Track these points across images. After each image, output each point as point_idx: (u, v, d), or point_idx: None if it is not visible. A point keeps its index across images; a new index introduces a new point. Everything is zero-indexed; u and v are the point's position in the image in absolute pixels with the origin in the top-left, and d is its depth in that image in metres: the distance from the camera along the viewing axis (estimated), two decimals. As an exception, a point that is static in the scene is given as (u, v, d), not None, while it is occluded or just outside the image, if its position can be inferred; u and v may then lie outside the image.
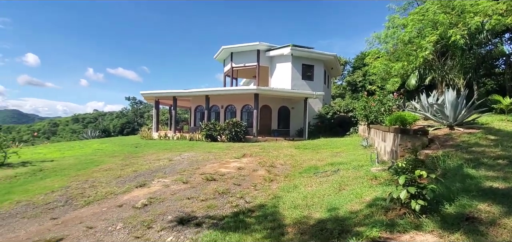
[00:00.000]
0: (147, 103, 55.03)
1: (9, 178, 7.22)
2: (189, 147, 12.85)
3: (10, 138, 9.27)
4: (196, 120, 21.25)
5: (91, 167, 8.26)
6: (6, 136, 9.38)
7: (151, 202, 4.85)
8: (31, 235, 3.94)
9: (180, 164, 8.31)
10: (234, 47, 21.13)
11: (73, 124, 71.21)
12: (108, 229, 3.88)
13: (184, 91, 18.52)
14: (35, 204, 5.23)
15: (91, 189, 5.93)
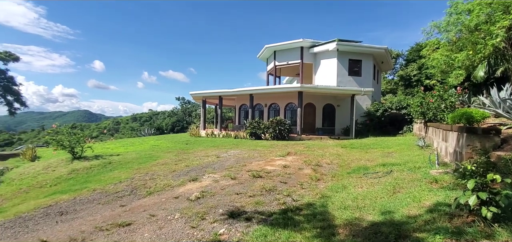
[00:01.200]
0: (195, 103, 58.31)
1: (86, 169, 8.41)
2: (234, 144, 13.30)
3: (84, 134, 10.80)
4: (241, 118, 21.86)
5: (150, 161, 9.13)
6: (83, 133, 10.88)
7: (203, 196, 5.19)
8: (106, 219, 4.54)
9: (227, 161, 8.68)
10: (277, 45, 21.15)
11: (132, 122, 79.08)
12: (167, 218, 4.27)
13: (229, 90, 19.19)
14: (107, 192, 6.00)
15: (151, 181, 6.57)
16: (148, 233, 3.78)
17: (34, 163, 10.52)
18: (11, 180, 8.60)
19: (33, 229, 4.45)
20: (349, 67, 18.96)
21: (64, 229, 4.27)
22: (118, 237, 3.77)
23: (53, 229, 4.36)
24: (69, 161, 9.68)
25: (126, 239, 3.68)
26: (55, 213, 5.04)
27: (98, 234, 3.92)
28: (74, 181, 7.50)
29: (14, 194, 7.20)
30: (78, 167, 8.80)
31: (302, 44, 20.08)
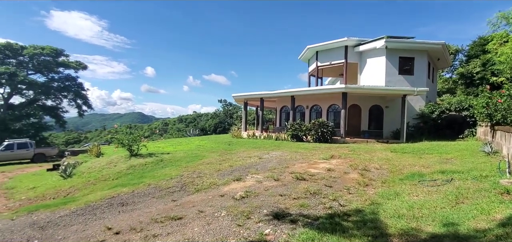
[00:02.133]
0: (236, 105, 59.86)
1: (142, 166, 9.23)
2: (275, 146, 13.31)
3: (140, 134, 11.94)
4: (282, 120, 21.80)
5: (196, 160, 9.63)
6: (139, 133, 11.97)
7: (247, 195, 5.29)
8: (159, 212, 4.91)
9: (269, 162, 8.73)
10: (320, 45, 20.62)
11: (178, 123, 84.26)
12: (215, 215, 4.45)
13: (270, 92, 19.28)
14: (160, 187, 6.50)
15: (198, 179, 6.93)
16: (197, 228, 3.99)
17: (99, 158, 11.91)
18: (82, 173, 9.85)
19: (100, 216, 5.01)
20: (399, 65, 17.61)
21: (125, 218, 4.73)
22: (171, 229, 4.04)
23: (116, 218, 4.86)
24: (127, 158, 10.73)
25: (178, 232, 3.93)
26: (117, 204, 5.62)
27: (154, 225, 4.25)
28: (132, 176, 8.29)
29: (84, 185, 8.24)
30: (135, 163, 9.71)
31: (346, 43, 19.27)
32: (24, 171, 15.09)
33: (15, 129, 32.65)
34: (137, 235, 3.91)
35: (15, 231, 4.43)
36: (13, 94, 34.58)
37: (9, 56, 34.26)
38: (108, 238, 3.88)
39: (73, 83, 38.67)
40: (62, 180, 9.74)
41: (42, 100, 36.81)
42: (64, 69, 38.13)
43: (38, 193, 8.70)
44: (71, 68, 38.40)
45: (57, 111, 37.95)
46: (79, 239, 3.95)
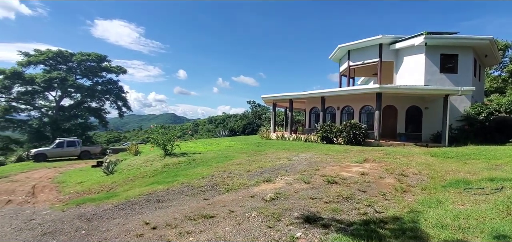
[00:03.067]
0: (264, 106, 60.00)
1: (175, 164, 9.65)
2: (305, 148, 13.10)
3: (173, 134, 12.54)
4: (311, 121, 21.40)
5: (226, 161, 9.83)
6: (173, 133, 12.55)
7: (277, 197, 5.28)
8: (192, 209, 5.09)
9: (299, 164, 8.61)
10: (352, 44, 19.91)
11: (208, 124, 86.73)
12: (245, 215, 4.50)
13: (300, 93, 19.04)
14: (192, 186, 6.74)
15: (229, 179, 7.06)
16: (228, 227, 4.06)
17: (137, 157, 12.69)
18: (122, 170, 10.58)
19: (139, 212, 5.32)
20: (441, 63, 16.35)
21: (161, 214, 4.98)
22: (204, 227, 4.17)
23: (153, 213, 5.13)
24: (162, 157, 11.31)
25: (210, 230, 4.04)
26: (154, 200, 5.93)
27: (187, 222, 4.42)
28: (167, 174, 8.71)
29: (124, 181, 8.84)
30: (169, 162, 10.19)
31: (381, 41, 18.38)
32: (72, 167, 16.59)
33: (65, 128, 36.02)
34: (172, 231, 4.09)
35: (66, 222, 4.87)
36: (63, 97, 38.22)
37: (60, 63, 37.95)
38: (146, 233, 4.11)
39: (114, 87, 41.71)
40: (105, 176, 10.54)
41: (87, 102, 40.21)
42: (107, 73, 41.28)
43: (85, 187, 9.52)
44: (113, 72, 41.46)
45: (101, 112, 41.18)
46: (120, 232, 4.23)
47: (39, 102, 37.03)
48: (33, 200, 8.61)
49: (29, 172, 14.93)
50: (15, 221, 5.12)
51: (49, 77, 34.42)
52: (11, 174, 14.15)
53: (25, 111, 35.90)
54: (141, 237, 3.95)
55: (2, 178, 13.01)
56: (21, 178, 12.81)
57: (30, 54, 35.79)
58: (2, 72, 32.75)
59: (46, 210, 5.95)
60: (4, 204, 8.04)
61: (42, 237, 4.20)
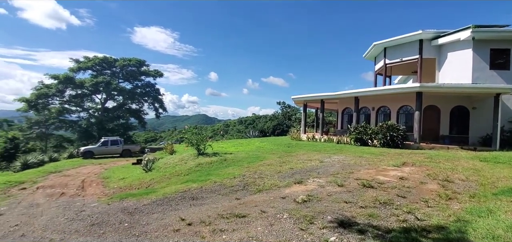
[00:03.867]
0: (295, 107, 59.28)
1: (208, 164, 9.97)
2: (337, 149, 12.71)
3: (206, 135, 12.96)
4: (344, 122, 20.69)
5: (257, 161, 9.90)
6: (206, 133, 12.95)
7: (309, 199, 5.19)
8: (225, 208, 5.21)
9: (331, 166, 8.38)
10: (388, 41, 18.89)
11: (238, 125, 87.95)
12: (277, 216, 4.50)
13: (332, 93, 18.52)
14: (224, 185, 6.90)
15: (260, 180, 7.11)
16: (260, 228, 4.09)
17: (173, 156, 13.34)
18: (159, 168, 11.20)
19: (175, 208, 5.59)
20: (491, 59, 14.82)
21: (195, 211, 5.17)
22: (236, 226, 4.25)
23: (188, 210, 5.35)
24: (195, 156, 11.74)
25: (242, 229, 4.10)
26: (189, 198, 6.18)
27: (220, 220, 4.53)
28: (200, 173, 9.02)
29: (161, 179, 9.34)
30: (202, 162, 10.56)
31: (421, 37, 17.19)
32: (115, 164, 17.94)
33: (109, 128, 39.07)
34: (206, 228, 4.23)
35: (111, 214, 5.28)
36: (108, 100, 41.52)
37: (105, 68, 41.29)
38: (182, 228, 4.30)
39: (152, 89, 44.32)
40: (144, 173, 11.24)
41: (128, 104, 43.19)
42: (145, 77, 44.01)
43: (127, 183, 10.24)
44: (151, 76, 44.09)
45: (140, 113, 43.98)
46: (159, 227, 4.47)
47: (87, 105, 40.66)
48: (82, 193, 9.47)
49: (79, 167, 16.45)
50: (68, 212, 5.68)
51: (96, 81, 37.65)
52: (64, 169, 15.71)
53: (75, 112, 39.68)
54: (177, 232, 4.14)
55: (57, 172, 14.51)
56: (72, 173, 14.16)
57: (79, 61, 39.46)
58: (57, 77, 36.53)
59: (94, 202, 6.51)
60: (58, 196, 8.96)
61: (91, 227, 4.60)
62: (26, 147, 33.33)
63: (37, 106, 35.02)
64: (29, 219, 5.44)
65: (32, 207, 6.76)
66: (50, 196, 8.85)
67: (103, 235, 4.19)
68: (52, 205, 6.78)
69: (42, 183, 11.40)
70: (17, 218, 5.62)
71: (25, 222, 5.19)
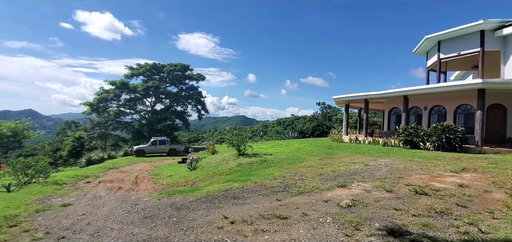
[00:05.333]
0: (335, 107, 57.15)
1: (248, 164, 10.15)
2: (384, 152, 11.92)
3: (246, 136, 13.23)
4: (390, 123, 19.35)
5: (297, 163, 9.78)
6: (246, 134, 13.23)
7: (354, 204, 4.96)
8: (266, 209, 5.25)
9: (378, 170, 7.89)
10: (443, 34, 17.15)
11: (277, 126, 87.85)
12: (319, 220, 4.39)
13: (377, 93, 17.44)
14: (265, 186, 6.96)
15: (300, 182, 7.01)
16: (303, 230, 4.04)
17: (214, 155, 13.87)
18: (202, 167, 11.74)
19: (218, 206, 5.81)
20: None
21: (237, 210, 5.31)
22: (277, 227, 4.25)
23: (230, 209, 5.52)
24: (236, 157, 12.06)
25: (284, 231, 4.09)
26: (230, 197, 6.37)
27: (262, 220, 4.58)
28: (241, 173, 9.24)
29: (205, 177, 9.79)
30: (242, 162, 10.79)
31: (482, 27, 15.27)
32: (163, 162, 19.28)
33: (157, 129, 42.19)
34: (248, 227, 4.32)
35: (161, 209, 5.70)
36: (156, 102, 44.90)
37: (155, 73, 44.71)
38: (225, 226, 4.45)
39: (195, 92, 46.75)
40: (189, 172, 11.89)
41: (174, 106, 46.16)
42: (189, 81, 46.60)
43: (174, 180, 10.95)
44: (194, 80, 46.55)
45: (184, 115, 46.71)
46: (204, 223, 4.69)
47: (139, 107, 44.46)
48: (136, 188, 10.38)
49: (133, 164, 18.06)
50: (125, 205, 6.28)
51: (146, 86, 41.04)
52: (120, 166, 17.39)
53: (129, 115, 43.71)
54: (221, 229, 4.30)
55: (114, 168, 16.13)
56: (127, 169, 15.61)
57: (133, 68, 43.38)
58: (114, 83, 40.68)
59: (146, 197, 7.10)
60: (116, 190, 9.95)
61: (144, 219, 5.02)
62: (89, 145, 37.74)
63: (98, 109, 39.40)
64: (93, 209, 6.15)
65: (95, 199, 7.63)
66: (110, 190, 9.88)
67: (155, 228, 4.55)
68: (112, 198, 7.58)
69: (103, 177, 12.78)
70: (83, 208, 6.40)
71: (90, 212, 5.88)
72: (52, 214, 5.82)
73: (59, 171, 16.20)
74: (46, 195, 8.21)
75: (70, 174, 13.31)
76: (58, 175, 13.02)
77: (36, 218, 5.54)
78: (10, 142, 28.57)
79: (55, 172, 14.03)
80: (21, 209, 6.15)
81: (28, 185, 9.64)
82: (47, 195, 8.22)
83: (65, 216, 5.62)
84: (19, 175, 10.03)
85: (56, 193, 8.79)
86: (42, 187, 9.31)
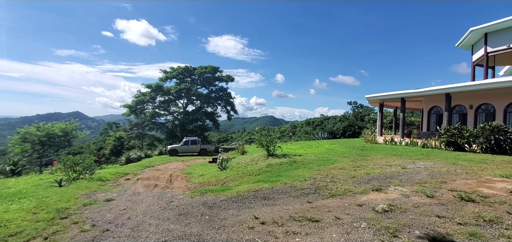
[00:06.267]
0: (368, 107, 54.72)
1: (277, 165, 10.12)
2: (423, 155, 11.16)
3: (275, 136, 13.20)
4: (430, 124, 18.04)
5: (328, 164, 9.54)
6: (275, 135, 13.22)
7: (391, 209, 4.71)
8: (296, 211, 5.19)
9: (417, 174, 7.41)
10: (490, 25, 15.61)
11: (306, 126, 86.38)
12: (353, 224, 4.24)
13: (415, 91, 16.37)
14: (295, 187, 6.89)
15: (332, 184, 6.83)
16: (336, 235, 3.93)
17: (244, 156, 14.04)
18: (232, 167, 11.96)
19: (248, 206, 5.87)
20: None
21: (267, 211, 5.32)
22: (309, 230, 4.19)
23: (260, 209, 5.55)
24: (265, 157, 12.09)
25: (316, 234, 4.02)
26: (260, 197, 6.40)
27: (293, 222, 4.54)
28: (270, 174, 9.24)
29: (235, 177, 9.95)
30: (272, 163, 10.79)
31: (540, 15, 13.59)
32: (194, 161, 19.99)
33: (189, 129, 43.86)
34: (279, 229, 4.31)
35: (194, 206, 5.91)
36: (188, 104, 46.71)
37: (186, 76, 46.54)
38: (256, 226, 4.48)
39: (224, 93, 47.82)
40: (219, 171, 12.17)
41: (204, 107, 47.64)
42: (219, 82, 47.78)
43: (205, 179, 11.29)
44: (223, 81, 47.64)
45: (214, 116, 47.99)
46: (235, 222, 4.77)
47: (172, 109, 46.59)
48: (170, 186, 10.88)
49: (167, 163, 18.97)
50: (161, 202, 6.62)
51: (179, 88, 42.92)
52: (156, 164, 18.36)
53: (163, 116, 46.02)
54: (252, 229, 4.34)
55: (150, 167, 17.07)
56: (162, 168, 16.44)
57: (167, 71, 45.59)
58: (150, 86, 43.13)
59: (180, 195, 7.41)
60: (153, 187, 10.52)
61: (179, 216, 5.25)
62: (128, 144, 40.37)
63: (136, 111, 42.05)
64: (133, 205, 6.56)
65: (135, 195, 8.13)
66: (147, 187, 10.47)
67: (189, 225, 4.73)
68: (149, 195, 8.03)
69: (141, 175, 13.59)
70: (124, 203, 6.85)
71: (130, 207, 6.28)
72: (97, 208, 6.32)
73: (103, 168, 17.55)
74: (92, 190, 8.95)
75: (112, 171, 14.36)
76: (102, 172, 14.11)
77: (84, 211, 6.06)
78: (61, 141, 31.65)
79: (99, 169, 15.23)
80: (71, 203, 6.77)
81: (76, 180, 10.58)
82: (92, 190, 8.95)
83: (109, 210, 6.07)
84: (68, 172, 11.05)
85: (100, 188, 9.53)
86: (88, 183, 10.16)
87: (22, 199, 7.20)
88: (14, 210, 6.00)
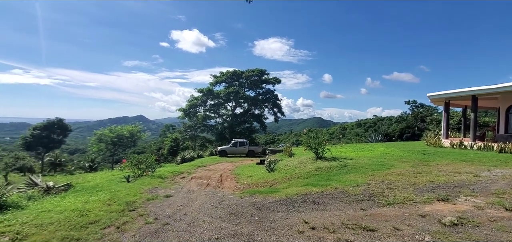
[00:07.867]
0: (429, 106, 49.11)
1: (327, 168, 9.80)
2: (500, 161, 9.62)
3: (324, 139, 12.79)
4: (509, 125, 15.42)
5: (383, 169, 8.87)
6: (323, 137, 12.84)
7: (462, 223, 4.17)
8: (349, 218, 4.96)
9: (493, 183, 6.42)
10: None
11: (357, 128, 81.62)
12: (415, 237, 3.87)
13: (490, 87, 14.18)
14: (347, 192, 6.58)
15: (389, 191, 6.33)
16: (394, 246, 3.64)
17: (291, 158, 13.94)
18: (280, 169, 11.97)
19: (297, 210, 5.81)
20: None
21: (317, 216, 5.20)
22: (363, 239, 3.96)
23: (310, 214, 5.45)
24: (313, 160, 11.80)
25: (371, 244, 3.78)
26: (310, 201, 6.28)
27: (345, 230, 4.35)
28: (319, 177, 8.99)
29: (283, 180, 9.95)
30: (321, 166, 10.48)
31: None
32: (242, 163, 20.55)
33: (237, 131, 45.32)
34: (330, 235, 4.17)
35: (244, 207, 6.09)
36: (236, 107, 48.35)
37: (235, 80, 48.28)
38: (306, 231, 4.42)
39: (271, 95, 48.23)
40: (267, 173, 12.30)
41: (252, 110, 48.72)
42: (266, 85, 48.40)
43: (253, 180, 11.53)
44: (270, 83, 48.10)
45: (261, 118, 48.72)
46: (284, 225, 4.78)
47: (222, 112, 48.77)
48: (221, 186, 11.40)
49: (217, 164, 19.92)
50: (213, 200, 6.99)
51: (228, 92, 44.77)
52: (207, 164, 19.43)
53: (213, 118, 48.47)
54: (302, 234, 4.30)
55: (203, 167, 18.13)
56: (212, 168, 17.32)
57: (216, 76, 47.98)
58: (202, 91, 45.95)
59: (230, 195, 7.72)
60: (205, 186, 11.16)
61: (230, 215, 5.47)
62: (183, 145, 43.63)
63: (189, 114, 45.22)
64: (188, 202, 7.06)
65: (189, 193, 8.73)
66: (200, 185, 11.15)
67: (239, 224, 4.90)
68: (202, 193, 8.55)
69: (194, 174, 14.54)
70: (181, 200, 7.42)
71: (186, 204, 6.78)
72: (158, 203, 6.97)
73: (162, 166, 19.30)
74: (154, 186, 9.91)
75: (169, 170, 15.67)
76: (161, 170, 15.51)
77: (148, 205, 6.75)
78: (128, 142, 35.95)
79: (159, 168, 16.76)
80: (137, 197, 7.61)
81: (141, 177, 11.84)
82: (154, 186, 9.91)
83: (168, 206, 6.65)
84: (134, 169, 12.43)
85: (160, 185, 10.49)
86: (151, 179, 11.27)
87: (99, 191, 8.34)
88: (93, 201, 6.99)
